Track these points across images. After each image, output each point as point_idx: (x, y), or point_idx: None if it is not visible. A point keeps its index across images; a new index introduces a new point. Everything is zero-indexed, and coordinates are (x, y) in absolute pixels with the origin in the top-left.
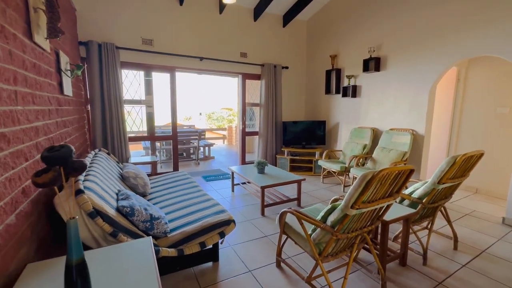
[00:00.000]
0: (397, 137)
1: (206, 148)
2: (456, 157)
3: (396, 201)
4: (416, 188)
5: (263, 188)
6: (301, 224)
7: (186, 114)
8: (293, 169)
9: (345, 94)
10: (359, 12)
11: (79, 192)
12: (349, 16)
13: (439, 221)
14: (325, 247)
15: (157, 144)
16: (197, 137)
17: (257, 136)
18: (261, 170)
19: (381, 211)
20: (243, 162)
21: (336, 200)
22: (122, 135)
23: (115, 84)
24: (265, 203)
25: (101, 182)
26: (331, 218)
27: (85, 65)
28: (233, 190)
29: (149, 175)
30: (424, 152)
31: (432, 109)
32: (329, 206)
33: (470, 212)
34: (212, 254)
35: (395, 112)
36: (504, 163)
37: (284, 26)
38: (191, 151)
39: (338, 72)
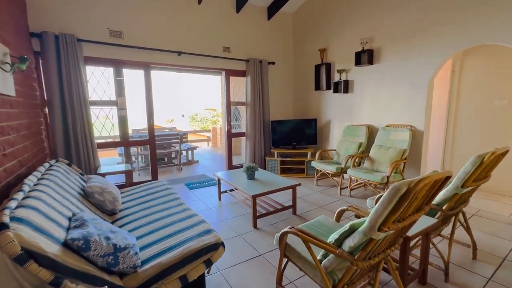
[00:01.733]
0: (395, 134)
1: (189, 151)
2: (483, 156)
3: None
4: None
5: (254, 197)
6: (309, 248)
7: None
8: (284, 171)
9: (336, 90)
10: (349, 2)
11: (1, 227)
12: (338, 7)
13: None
14: (342, 279)
15: (134, 149)
16: (178, 140)
17: (244, 137)
18: (250, 176)
19: (407, 227)
20: (230, 166)
21: (343, 211)
22: (88, 141)
23: (77, 82)
24: (257, 213)
25: (46, 207)
26: (349, 243)
27: (40, 61)
28: (220, 199)
29: (123, 187)
30: (424, 148)
31: (431, 103)
32: (346, 227)
33: (476, 211)
34: None
35: (391, 107)
36: (505, 157)
37: (269, 19)
38: (173, 156)
39: (328, 66)
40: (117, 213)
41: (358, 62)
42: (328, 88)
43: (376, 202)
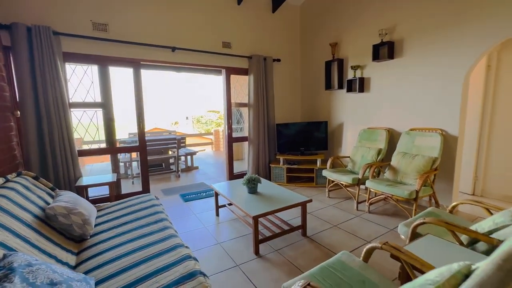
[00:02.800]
0: (422, 140)
1: (189, 157)
2: None
3: (457, 243)
4: (498, 223)
5: (256, 218)
6: None
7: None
8: (291, 180)
9: (350, 89)
10: None
11: None
12: None
13: None
14: None
15: (128, 155)
16: (175, 145)
17: (247, 142)
18: (252, 189)
19: None
20: (231, 174)
21: (373, 249)
22: (67, 148)
23: (54, 82)
24: (259, 237)
25: None
26: None
27: (11, 57)
28: (217, 214)
29: (107, 200)
30: (458, 157)
31: (466, 103)
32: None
33: None
34: None
35: (416, 108)
36: None
37: (273, 11)
38: (171, 161)
39: (341, 63)
40: (87, 239)
41: (376, 56)
42: (340, 87)
43: (413, 232)
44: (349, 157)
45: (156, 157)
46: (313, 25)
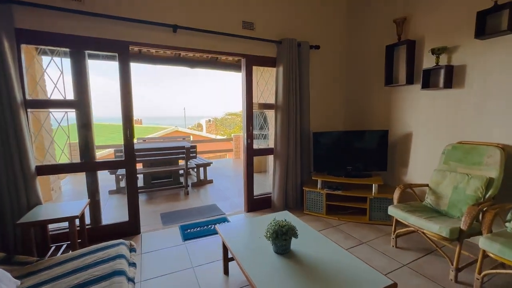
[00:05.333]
0: None
1: (201, 168)
2: None
3: None
4: None
5: None
6: None
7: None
8: (331, 210)
9: (426, 84)
10: None
11: None
12: None
13: None
14: None
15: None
16: (184, 154)
17: (272, 156)
18: (282, 248)
19: None
20: (250, 198)
21: None
22: (17, 165)
23: None
24: None
25: None
26: None
27: None
28: (226, 271)
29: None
30: None
31: None
32: None
33: None
34: None
35: None
36: None
37: None
38: (181, 172)
39: (411, 46)
40: None
41: (481, 30)
42: (409, 81)
43: None
44: (427, 185)
45: (161, 169)
46: None
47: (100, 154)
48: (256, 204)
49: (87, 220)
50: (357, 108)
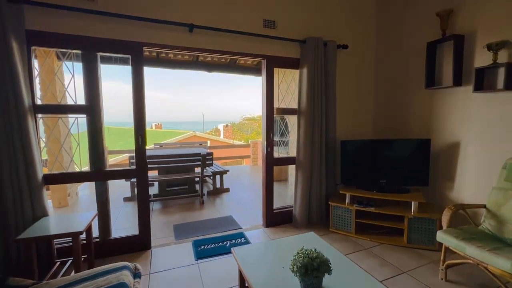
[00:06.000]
0: None
1: (218, 176)
2: None
3: None
4: None
5: None
6: None
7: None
8: (362, 229)
9: (480, 85)
10: None
11: None
12: None
13: None
14: None
15: None
16: (200, 162)
17: (294, 165)
18: (312, 287)
19: None
20: (270, 211)
21: None
22: (23, 174)
23: (5, 73)
24: None
25: None
26: None
27: None
28: None
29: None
30: None
31: None
32: None
33: None
34: None
35: None
36: None
37: None
38: (197, 179)
39: (459, 41)
40: None
41: None
42: (457, 82)
43: None
44: (484, 206)
45: (176, 177)
46: None
47: (114, 160)
48: (276, 218)
49: (96, 233)
50: (390, 114)
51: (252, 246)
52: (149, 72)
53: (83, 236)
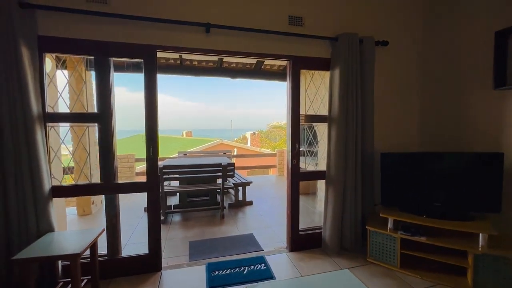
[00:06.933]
0: None
1: (240, 188)
2: None
3: None
4: None
5: None
6: None
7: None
8: (408, 263)
9: None
10: None
11: None
12: None
13: None
14: None
15: None
16: (220, 172)
17: (324, 181)
18: None
19: None
20: (293, 238)
21: None
22: (28, 185)
23: (13, 80)
24: None
25: None
26: None
27: None
28: None
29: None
30: None
31: None
32: None
33: None
34: None
35: None
36: None
37: None
38: (218, 190)
39: None
40: None
41: None
42: None
43: None
44: None
45: (195, 188)
46: None
47: (141, 168)
48: (302, 241)
49: (104, 249)
50: (442, 122)
51: (274, 284)
52: (180, 82)
53: (88, 253)
